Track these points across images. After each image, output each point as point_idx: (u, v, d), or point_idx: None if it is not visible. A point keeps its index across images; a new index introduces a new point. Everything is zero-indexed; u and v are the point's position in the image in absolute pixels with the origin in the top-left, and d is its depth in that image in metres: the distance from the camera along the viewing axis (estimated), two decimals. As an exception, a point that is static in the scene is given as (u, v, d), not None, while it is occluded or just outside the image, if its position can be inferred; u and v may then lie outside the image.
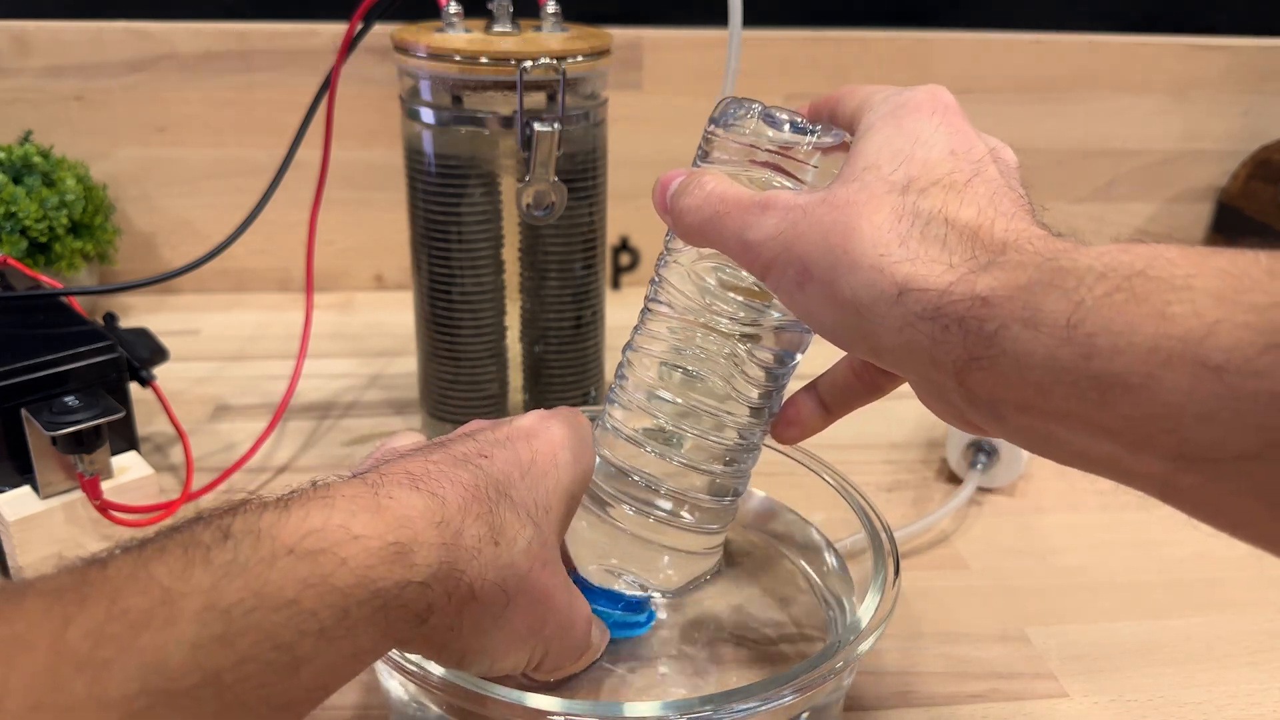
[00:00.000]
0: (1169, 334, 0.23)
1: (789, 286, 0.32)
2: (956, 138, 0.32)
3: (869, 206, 0.30)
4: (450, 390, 0.58)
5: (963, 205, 0.29)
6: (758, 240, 0.32)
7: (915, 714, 0.43)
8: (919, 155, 0.31)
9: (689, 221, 0.35)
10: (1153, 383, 0.23)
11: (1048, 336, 0.25)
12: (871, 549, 0.41)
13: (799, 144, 0.36)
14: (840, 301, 0.30)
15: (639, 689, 0.42)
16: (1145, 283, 0.24)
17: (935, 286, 0.28)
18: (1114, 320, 0.24)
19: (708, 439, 0.39)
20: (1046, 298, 0.26)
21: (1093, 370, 0.25)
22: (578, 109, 0.53)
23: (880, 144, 0.32)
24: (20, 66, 0.77)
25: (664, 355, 0.39)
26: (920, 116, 0.32)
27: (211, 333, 0.78)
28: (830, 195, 0.31)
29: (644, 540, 0.40)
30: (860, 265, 0.29)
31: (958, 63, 0.84)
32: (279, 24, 0.78)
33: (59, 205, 0.70)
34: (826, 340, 0.33)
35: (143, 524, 0.50)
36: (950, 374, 0.28)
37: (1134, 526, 0.57)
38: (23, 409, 0.47)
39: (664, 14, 0.82)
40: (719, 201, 0.34)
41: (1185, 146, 0.90)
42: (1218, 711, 0.44)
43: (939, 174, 0.30)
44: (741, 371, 0.38)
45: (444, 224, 0.54)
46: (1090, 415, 0.25)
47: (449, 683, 0.33)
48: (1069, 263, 0.26)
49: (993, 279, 0.27)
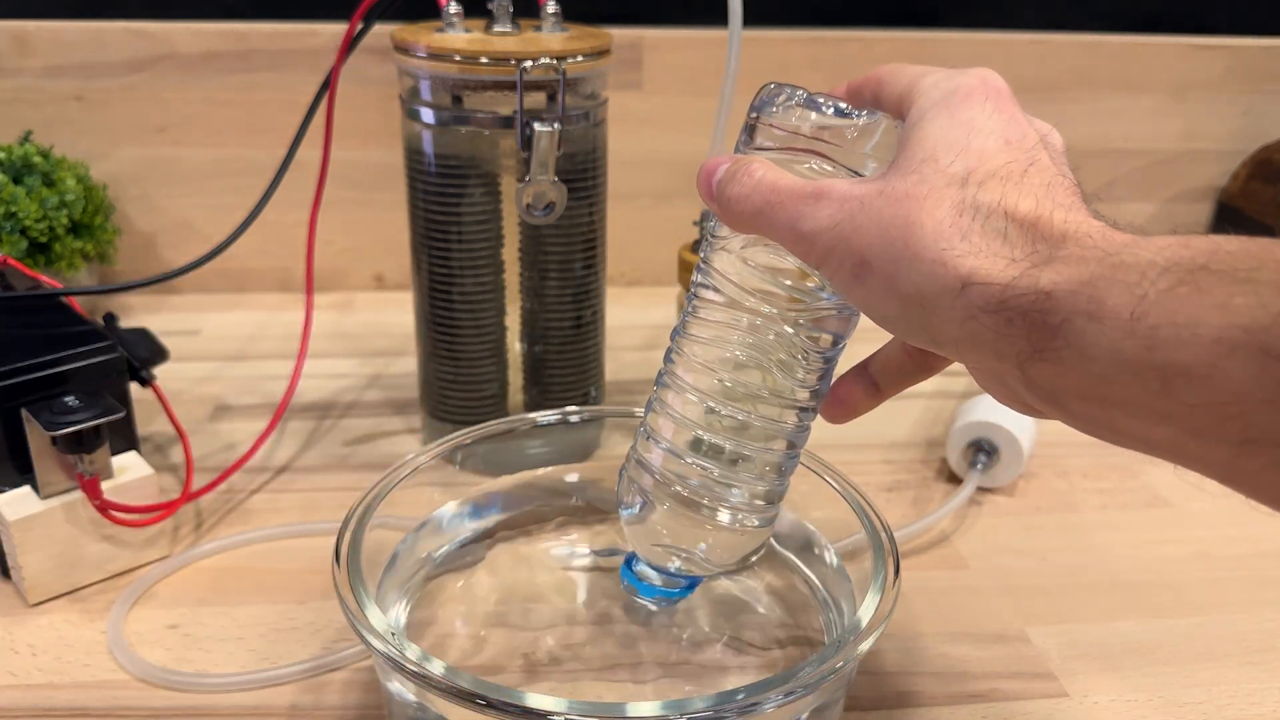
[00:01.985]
0: (1233, 324, 0.24)
1: (846, 278, 0.32)
2: (1010, 126, 0.32)
3: (929, 200, 0.30)
4: (450, 390, 0.58)
5: (1021, 197, 0.29)
6: (812, 231, 0.32)
7: (915, 714, 0.43)
8: (975, 145, 0.31)
9: (738, 210, 0.34)
10: (1217, 372, 0.24)
11: (1112, 329, 0.26)
12: (871, 549, 0.41)
13: (844, 129, 0.35)
14: (902, 294, 0.30)
15: (639, 689, 0.42)
16: (1208, 276, 0.25)
17: (999, 280, 0.28)
18: (1178, 313, 0.25)
19: (764, 423, 0.39)
20: (1110, 291, 0.26)
21: (1156, 361, 0.25)
22: (578, 109, 0.53)
23: (936, 134, 0.32)
24: (20, 66, 0.77)
25: (716, 341, 0.39)
26: (973, 104, 0.32)
27: (211, 333, 0.78)
28: (887, 187, 0.31)
29: (698, 521, 0.40)
30: (922, 258, 0.29)
31: (958, 63, 0.83)
32: (279, 24, 0.78)
33: (59, 205, 0.70)
34: (884, 330, 0.33)
35: (143, 524, 0.50)
36: (1014, 365, 0.29)
37: (1134, 526, 0.57)
38: (23, 409, 0.47)
39: (664, 14, 0.82)
40: (770, 190, 0.33)
41: (1185, 146, 0.90)
42: (1218, 711, 0.44)
43: (996, 165, 0.30)
44: (795, 355, 0.38)
45: (444, 224, 0.54)
46: (1154, 404, 0.26)
47: (449, 683, 0.33)
48: (1130, 257, 0.26)
49: (1055, 273, 0.27)
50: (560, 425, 0.52)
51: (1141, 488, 0.60)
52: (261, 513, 0.56)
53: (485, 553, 0.49)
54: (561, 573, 0.49)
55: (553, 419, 0.51)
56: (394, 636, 0.35)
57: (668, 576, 0.42)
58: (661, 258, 0.86)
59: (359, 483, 0.58)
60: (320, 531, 0.53)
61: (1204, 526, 0.57)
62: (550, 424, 0.51)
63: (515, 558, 0.49)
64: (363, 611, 0.37)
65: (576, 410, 0.53)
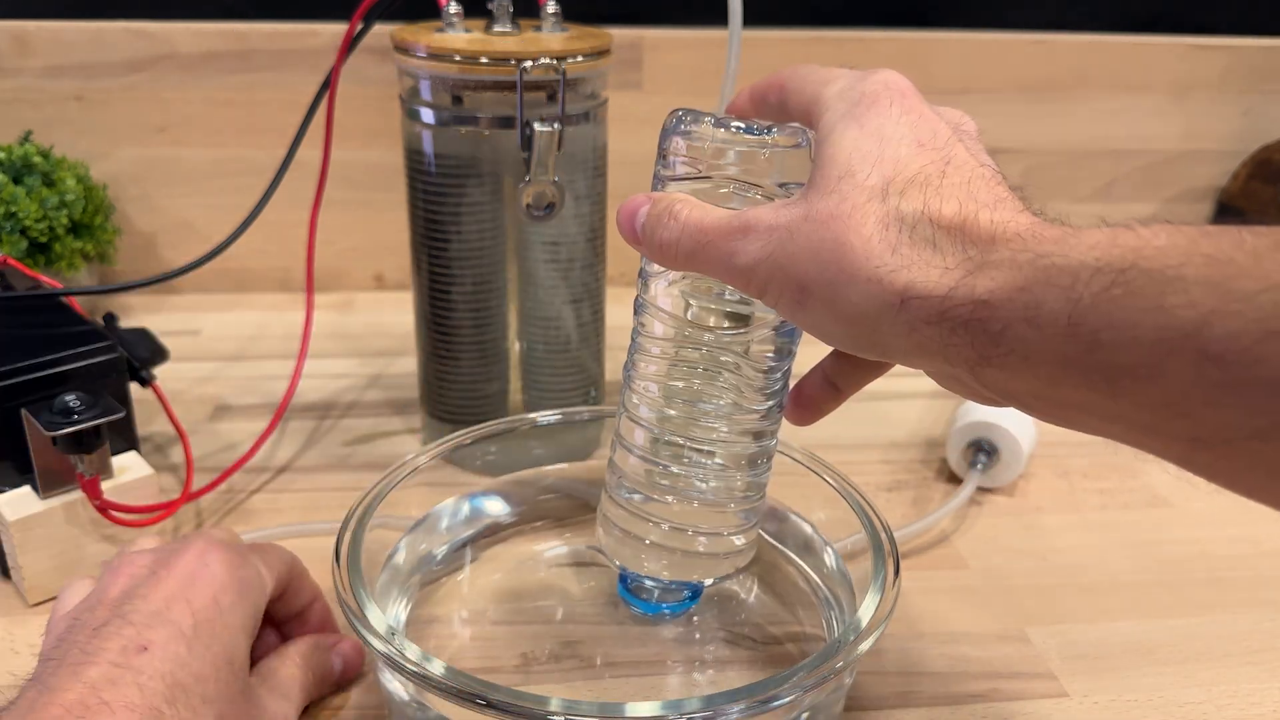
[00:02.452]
0: (1168, 325, 0.24)
1: (788, 305, 0.32)
2: (920, 126, 0.32)
3: (854, 218, 0.30)
4: (450, 390, 0.58)
5: (944, 201, 0.29)
6: (747, 265, 0.32)
7: (915, 714, 0.43)
8: (889, 154, 0.31)
9: (670, 254, 0.34)
10: (1159, 374, 0.24)
11: (1051, 335, 0.26)
12: (871, 549, 0.41)
13: (756, 150, 0.35)
14: (844, 316, 0.30)
15: (639, 689, 0.42)
16: (1138, 275, 0.25)
17: (936, 292, 0.28)
18: (1114, 315, 0.25)
19: (723, 447, 0.39)
20: (1046, 296, 0.26)
21: (1100, 363, 0.25)
22: (578, 109, 0.53)
23: (849, 147, 0.31)
24: (20, 66, 0.77)
25: (662, 375, 0.39)
26: (880, 109, 0.32)
27: (211, 333, 0.78)
28: (811, 210, 0.31)
29: (670, 549, 0.40)
30: (857, 279, 0.29)
31: (958, 63, 0.84)
32: (279, 24, 0.78)
33: (59, 205, 0.70)
34: (837, 348, 0.33)
35: (143, 524, 0.50)
36: (965, 369, 0.29)
37: (1134, 526, 0.57)
38: (23, 409, 0.47)
39: (664, 14, 0.82)
40: (698, 231, 0.33)
41: (1185, 146, 0.90)
42: (1218, 711, 0.44)
43: (912, 171, 0.30)
44: (743, 377, 0.38)
45: (444, 224, 0.54)
46: (1103, 405, 0.26)
47: (449, 683, 0.33)
48: (1062, 260, 0.26)
49: (990, 280, 0.27)
50: (560, 425, 0.52)
51: (1141, 488, 0.60)
52: (262, 513, 0.56)
53: (485, 552, 0.49)
54: (561, 572, 0.49)
55: (553, 419, 0.51)
56: (394, 636, 0.35)
57: (665, 591, 0.43)
58: (661, 258, 0.86)
59: (359, 483, 0.58)
60: (320, 531, 0.53)
61: (1204, 526, 0.57)
62: (550, 424, 0.51)
63: (515, 557, 0.49)
64: (363, 611, 0.37)
65: (576, 410, 0.53)
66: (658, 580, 0.42)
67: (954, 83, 0.85)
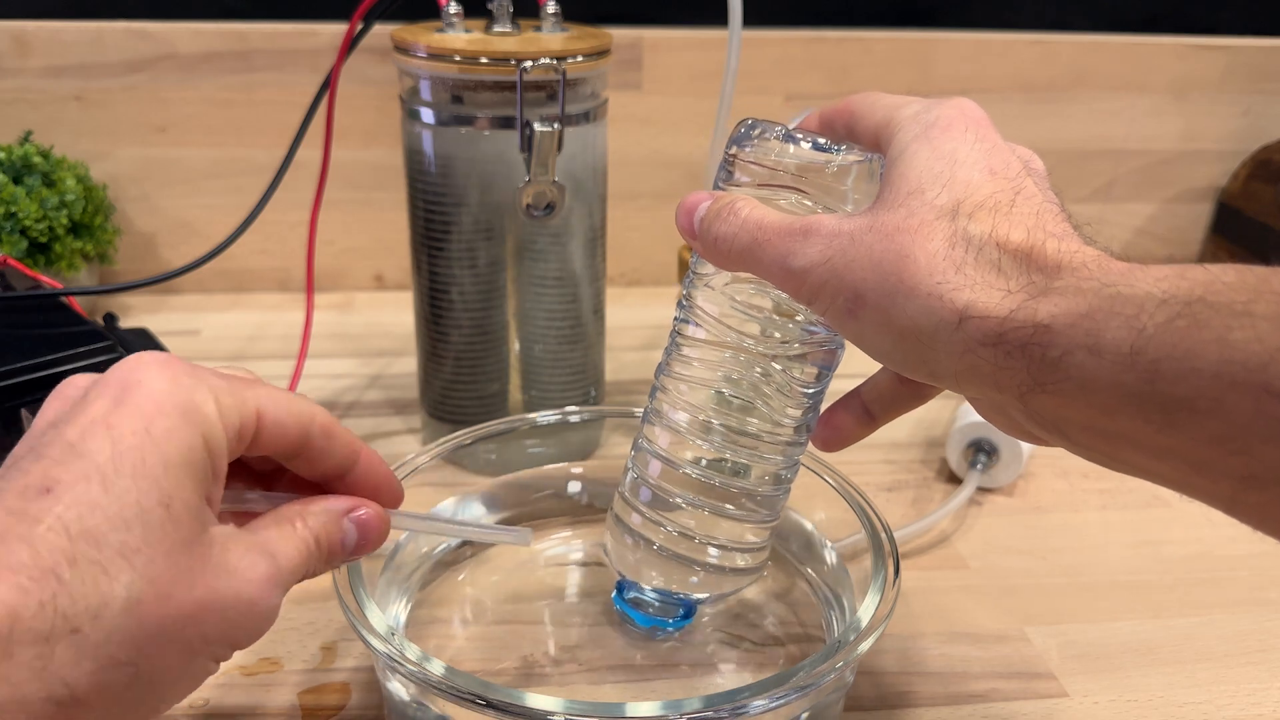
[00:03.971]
0: (1232, 359, 0.24)
1: (839, 313, 0.32)
2: (993, 155, 0.32)
3: (921, 233, 0.30)
4: (450, 390, 0.58)
5: (1012, 227, 0.29)
6: (803, 267, 0.32)
7: (915, 714, 0.43)
8: (960, 176, 0.31)
9: (725, 249, 0.34)
10: (1218, 408, 0.24)
11: (1111, 363, 0.26)
12: (871, 549, 0.41)
13: (823, 165, 0.35)
14: (898, 329, 0.30)
15: (639, 689, 0.42)
16: (1205, 309, 0.25)
17: (996, 313, 0.28)
18: (1177, 346, 0.25)
19: (750, 459, 0.39)
20: (1108, 324, 0.26)
21: (1158, 394, 0.25)
22: (578, 109, 0.53)
23: (920, 167, 0.32)
24: (20, 66, 0.77)
25: (700, 380, 0.39)
26: (954, 134, 0.32)
27: (211, 333, 0.79)
28: (877, 222, 0.31)
29: (682, 559, 0.40)
30: (918, 292, 0.29)
31: (958, 63, 0.84)
32: (279, 24, 0.78)
33: (59, 205, 0.70)
34: (880, 363, 0.33)
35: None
36: (1015, 396, 0.29)
37: (1134, 526, 0.57)
38: (23, 409, 0.47)
39: (664, 14, 0.82)
40: (756, 228, 0.33)
41: (1185, 146, 0.90)
42: (1218, 711, 0.44)
43: (983, 196, 0.30)
44: (781, 392, 0.38)
45: (444, 224, 0.54)
46: (1156, 438, 0.26)
47: (449, 683, 0.33)
48: (1128, 289, 0.26)
49: (1053, 305, 0.27)
50: (560, 425, 0.52)
51: (1141, 488, 0.60)
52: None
53: (485, 552, 0.49)
54: (561, 572, 0.49)
55: (553, 419, 0.51)
56: (394, 636, 0.35)
57: (664, 606, 0.43)
58: (661, 258, 0.86)
59: (359, 483, 0.58)
60: (320, 531, 0.53)
61: (1204, 526, 0.57)
62: (550, 424, 0.51)
63: (515, 557, 0.49)
64: (363, 611, 0.37)
65: (576, 410, 0.53)
66: (659, 592, 0.42)
67: (954, 83, 0.85)
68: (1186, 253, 0.94)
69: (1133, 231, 0.93)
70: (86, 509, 0.26)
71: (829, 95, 0.56)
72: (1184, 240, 0.94)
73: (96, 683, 0.26)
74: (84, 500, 0.27)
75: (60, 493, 0.27)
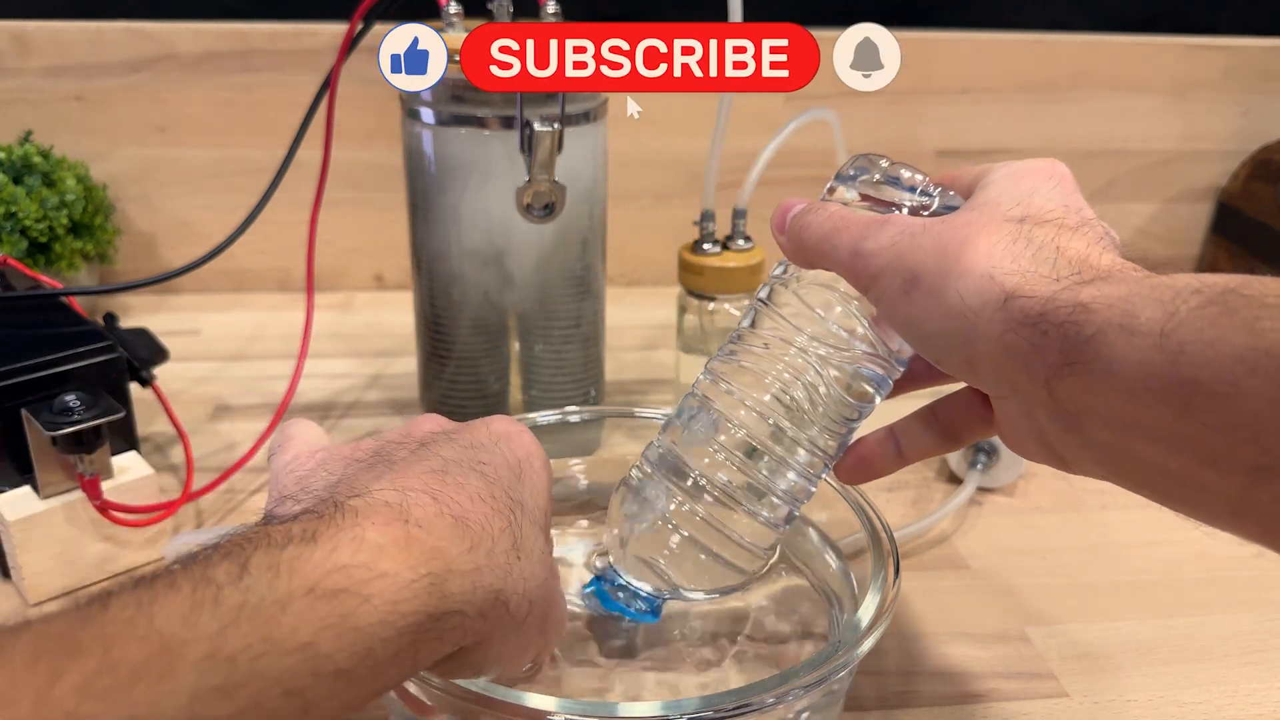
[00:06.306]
0: (1256, 346, 0.25)
1: (894, 294, 0.34)
2: (1070, 199, 0.34)
3: (987, 228, 0.32)
4: (450, 390, 0.58)
5: (1073, 240, 0.32)
6: (871, 250, 0.34)
7: (915, 714, 0.43)
8: (1036, 202, 0.33)
9: (806, 236, 0.37)
10: (1236, 391, 0.25)
11: (1142, 342, 0.27)
12: (871, 549, 0.41)
13: (922, 206, 0.37)
14: (945, 308, 0.32)
15: (639, 689, 0.42)
16: (1237, 298, 0.26)
17: (1040, 295, 0.30)
18: (1205, 330, 0.26)
19: (788, 464, 0.39)
20: (1144, 306, 0.27)
21: (1181, 375, 0.26)
22: (578, 109, 0.53)
23: (1000, 191, 0.34)
24: (20, 66, 0.77)
25: (760, 377, 0.39)
26: (1038, 179, 0.35)
27: (211, 333, 0.78)
28: (950, 218, 0.34)
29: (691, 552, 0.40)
30: (972, 273, 0.31)
31: (958, 63, 0.84)
32: (279, 24, 0.78)
33: (59, 205, 0.70)
34: (920, 352, 0.35)
35: (143, 524, 0.50)
36: (1041, 382, 0.30)
37: (1134, 526, 0.57)
38: (23, 409, 0.47)
39: (664, 14, 0.82)
40: (840, 218, 0.36)
41: (1185, 146, 0.90)
42: (1218, 711, 0.44)
43: (1052, 215, 0.33)
44: (830, 402, 0.39)
45: (444, 224, 0.54)
46: (1173, 426, 0.27)
47: (449, 683, 0.33)
48: (1168, 280, 0.28)
49: (1095, 289, 0.29)
50: (560, 425, 0.52)
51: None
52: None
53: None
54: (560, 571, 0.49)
55: (553, 419, 0.51)
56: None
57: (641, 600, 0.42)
58: (661, 258, 0.86)
59: (359, 483, 0.58)
60: (320, 531, 0.53)
61: (1204, 526, 0.57)
62: (550, 424, 0.51)
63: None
64: (363, 611, 0.36)
65: (576, 410, 0.53)
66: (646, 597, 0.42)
67: (954, 83, 0.85)
68: (1187, 253, 0.94)
69: (1133, 231, 0.92)
70: (512, 486, 0.33)
71: (829, 95, 0.55)
72: (1184, 240, 0.94)
73: (514, 605, 0.30)
74: (510, 480, 0.33)
75: (494, 469, 0.33)
